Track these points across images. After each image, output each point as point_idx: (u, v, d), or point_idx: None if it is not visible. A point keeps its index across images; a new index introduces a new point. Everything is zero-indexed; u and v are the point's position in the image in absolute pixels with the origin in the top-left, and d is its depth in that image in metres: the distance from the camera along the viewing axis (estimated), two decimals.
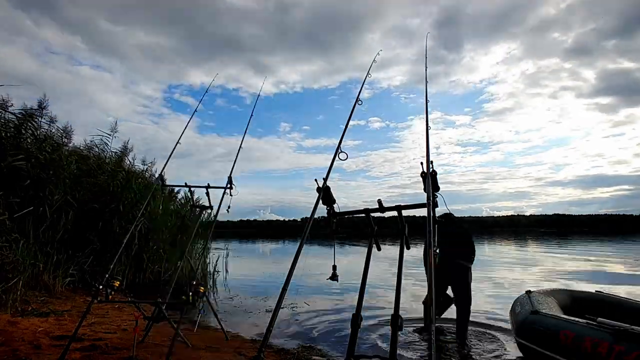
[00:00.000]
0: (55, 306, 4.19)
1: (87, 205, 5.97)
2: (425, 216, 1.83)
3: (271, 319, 1.71)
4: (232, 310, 5.03)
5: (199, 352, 2.96)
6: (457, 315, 3.75)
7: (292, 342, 3.58)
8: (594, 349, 2.41)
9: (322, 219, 2.27)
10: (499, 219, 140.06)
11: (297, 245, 2.00)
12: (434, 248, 1.80)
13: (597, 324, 2.55)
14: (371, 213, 2.05)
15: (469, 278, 3.81)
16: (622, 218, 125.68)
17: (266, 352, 3.14)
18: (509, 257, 14.72)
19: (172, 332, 3.01)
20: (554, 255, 14.59)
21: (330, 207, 2.16)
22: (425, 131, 2.21)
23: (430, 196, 1.85)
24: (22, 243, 4.40)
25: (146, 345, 3.03)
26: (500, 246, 21.95)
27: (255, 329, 4.06)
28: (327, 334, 3.97)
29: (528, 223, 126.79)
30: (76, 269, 5.29)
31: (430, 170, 1.93)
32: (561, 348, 2.62)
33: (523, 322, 3.08)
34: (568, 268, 10.30)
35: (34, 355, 2.62)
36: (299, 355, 3.13)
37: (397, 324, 1.71)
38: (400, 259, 1.92)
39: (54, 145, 5.73)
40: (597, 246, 20.22)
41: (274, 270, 10.73)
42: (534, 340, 2.89)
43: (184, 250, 3.17)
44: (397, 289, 1.85)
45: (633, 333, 2.31)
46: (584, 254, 14.69)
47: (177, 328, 2.61)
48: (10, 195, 4.66)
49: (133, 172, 7.10)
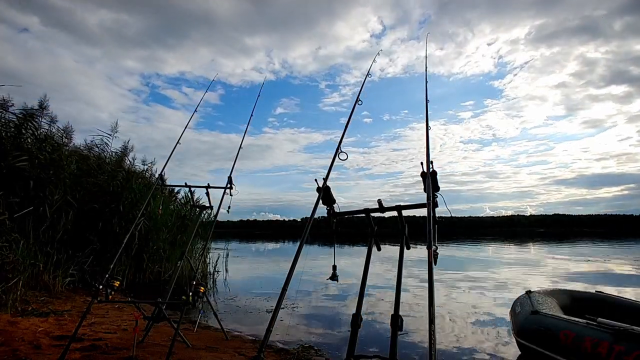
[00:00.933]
0: (55, 306, 4.19)
1: (87, 205, 5.97)
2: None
3: (271, 319, 1.71)
4: (232, 310, 5.03)
5: (199, 352, 2.96)
6: None
7: (292, 342, 3.58)
8: (594, 349, 2.41)
9: (322, 219, 2.27)
10: (499, 219, 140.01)
11: (298, 246, 2.00)
12: (433, 248, 1.80)
13: (597, 324, 2.55)
14: (371, 213, 2.05)
15: None
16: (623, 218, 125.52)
17: (266, 352, 3.14)
18: (509, 257, 14.72)
19: (172, 332, 3.01)
20: (554, 257, 14.59)
21: (330, 207, 2.16)
22: (426, 131, 2.21)
23: (430, 196, 1.85)
24: (22, 243, 4.40)
25: (146, 345, 3.03)
26: (500, 247, 21.95)
27: (255, 329, 4.06)
28: (327, 334, 3.97)
29: (528, 223, 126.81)
30: (76, 269, 5.29)
31: (430, 170, 1.93)
32: (561, 348, 2.62)
33: (523, 322, 3.09)
34: (569, 269, 10.30)
35: (34, 355, 2.62)
36: (299, 355, 3.13)
37: (397, 324, 1.71)
38: (400, 259, 1.92)
39: (54, 145, 5.73)
40: (598, 246, 20.22)
41: (274, 270, 10.73)
42: (534, 340, 2.89)
43: (184, 250, 3.17)
44: (397, 289, 1.85)
45: (633, 333, 2.32)
46: (584, 254, 14.69)
47: (177, 328, 2.61)
48: (10, 195, 4.66)
49: (133, 172, 7.11)
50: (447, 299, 5.80)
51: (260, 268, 11.18)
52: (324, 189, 2.16)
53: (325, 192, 2.15)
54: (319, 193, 2.16)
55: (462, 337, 3.86)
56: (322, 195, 2.15)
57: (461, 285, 7.23)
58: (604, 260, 12.36)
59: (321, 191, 2.16)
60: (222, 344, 3.27)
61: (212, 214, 4.13)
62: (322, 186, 2.17)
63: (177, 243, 7.32)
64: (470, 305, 5.42)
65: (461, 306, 5.32)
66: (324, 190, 2.15)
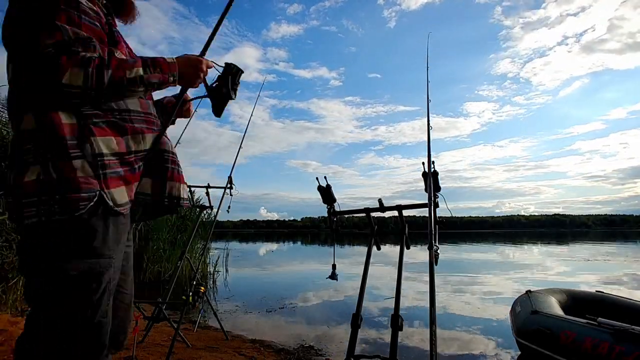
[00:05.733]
0: None
1: None
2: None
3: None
4: (232, 310, 5.03)
5: (199, 352, 2.96)
6: None
7: (292, 342, 3.58)
8: (594, 349, 2.41)
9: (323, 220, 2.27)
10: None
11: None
12: (434, 248, 1.80)
13: (597, 324, 2.55)
14: (371, 212, 2.05)
15: None
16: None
17: (266, 352, 3.14)
18: (508, 257, 14.73)
19: (172, 332, 3.01)
20: (555, 257, 14.59)
21: (330, 206, 2.16)
22: (427, 131, 2.21)
23: (431, 196, 1.85)
24: None
25: (146, 345, 3.02)
26: (506, 247, 21.97)
27: (255, 329, 4.06)
28: (327, 334, 3.97)
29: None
30: None
31: (431, 169, 1.94)
32: (561, 348, 2.62)
33: (523, 322, 3.08)
34: (570, 268, 10.30)
35: None
36: (299, 355, 3.13)
37: (398, 324, 1.71)
38: (400, 259, 1.92)
39: None
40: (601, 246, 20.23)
41: (274, 270, 10.73)
42: (534, 340, 2.89)
43: (184, 250, 3.17)
44: (397, 289, 1.85)
45: (633, 333, 2.31)
46: (585, 255, 14.70)
47: (177, 328, 2.61)
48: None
49: None
50: (447, 299, 5.80)
51: (260, 268, 11.19)
52: (325, 187, 2.16)
53: (325, 191, 2.15)
54: (320, 192, 2.16)
55: (462, 337, 3.86)
56: (322, 194, 2.15)
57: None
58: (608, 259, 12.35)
59: (322, 190, 2.16)
60: (222, 344, 3.27)
61: (212, 214, 4.13)
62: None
63: (177, 243, 7.32)
64: (471, 305, 5.42)
65: (461, 306, 5.32)
66: (325, 189, 2.15)
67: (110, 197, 0.95)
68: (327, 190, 2.15)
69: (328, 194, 2.15)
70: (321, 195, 2.16)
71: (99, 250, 0.94)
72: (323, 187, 2.16)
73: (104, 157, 0.96)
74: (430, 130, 2.21)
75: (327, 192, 2.15)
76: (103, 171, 0.95)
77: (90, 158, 0.93)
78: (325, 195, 2.15)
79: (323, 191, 2.15)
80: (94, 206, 0.91)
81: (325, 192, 2.15)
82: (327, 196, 2.15)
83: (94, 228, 0.93)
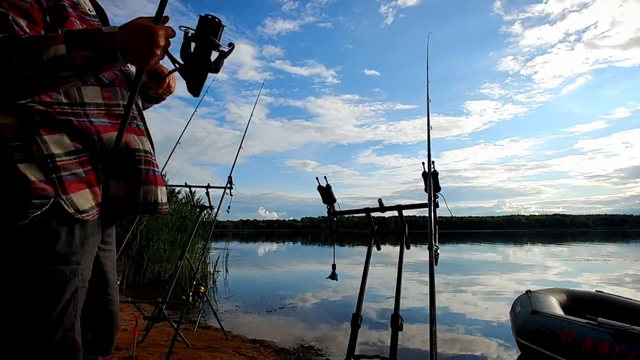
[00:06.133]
0: None
1: None
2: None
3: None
4: (232, 310, 5.03)
5: (199, 352, 2.96)
6: None
7: (292, 342, 3.58)
8: (594, 349, 2.41)
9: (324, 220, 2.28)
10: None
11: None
12: (434, 248, 1.80)
13: (597, 324, 2.55)
14: (371, 212, 2.05)
15: None
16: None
17: (266, 352, 3.14)
18: (509, 257, 14.73)
19: (172, 332, 3.01)
20: (556, 257, 14.59)
21: (330, 206, 2.16)
22: (427, 131, 2.22)
23: (431, 196, 1.85)
24: None
25: (146, 345, 3.02)
26: (504, 247, 21.97)
27: (255, 329, 4.06)
28: (327, 334, 3.97)
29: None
30: None
31: (431, 170, 1.94)
32: (561, 348, 2.62)
33: (523, 322, 3.08)
34: (571, 268, 10.30)
35: None
36: (299, 355, 3.13)
37: (398, 324, 1.71)
38: (400, 259, 1.92)
39: None
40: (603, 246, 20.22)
41: (274, 270, 10.73)
42: (534, 340, 2.88)
43: (184, 250, 3.17)
44: (397, 289, 1.85)
45: (633, 333, 2.31)
46: (585, 254, 14.70)
47: (177, 328, 2.61)
48: None
49: None
50: (447, 300, 5.80)
51: (260, 268, 11.19)
52: (325, 187, 2.16)
53: (325, 191, 2.15)
54: (320, 192, 2.16)
55: (462, 337, 3.85)
56: (322, 194, 2.16)
57: None
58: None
59: (322, 190, 2.16)
60: (222, 344, 3.27)
61: (213, 214, 4.13)
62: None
63: (177, 243, 7.32)
64: (471, 305, 5.42)
65: (461, 306, 5.32)
66: (325, 189, 2.16)
67: (69, 204, 0.82)
68: (327, 190, 2.15)
69: (328, 194, 2.15)
70: (321, 195, 2.16)
71: (61, 256, 0.83)
72: (323, 187, 2.16)
73: (56, 158, 0.81)
74: (431, 129, 2.22)
75: (327, 192, 2.15)
76: (57, 174, 0.81)
77: (39, 160, 0.79)
78: (325, 195, 2.16)
79: (323, 191, 2.15)
80: (47, 214, 0.79)
81: (325, 192, 2.15)
82: (327, 196, 2.15)
83: (53, 233, 0.82)
